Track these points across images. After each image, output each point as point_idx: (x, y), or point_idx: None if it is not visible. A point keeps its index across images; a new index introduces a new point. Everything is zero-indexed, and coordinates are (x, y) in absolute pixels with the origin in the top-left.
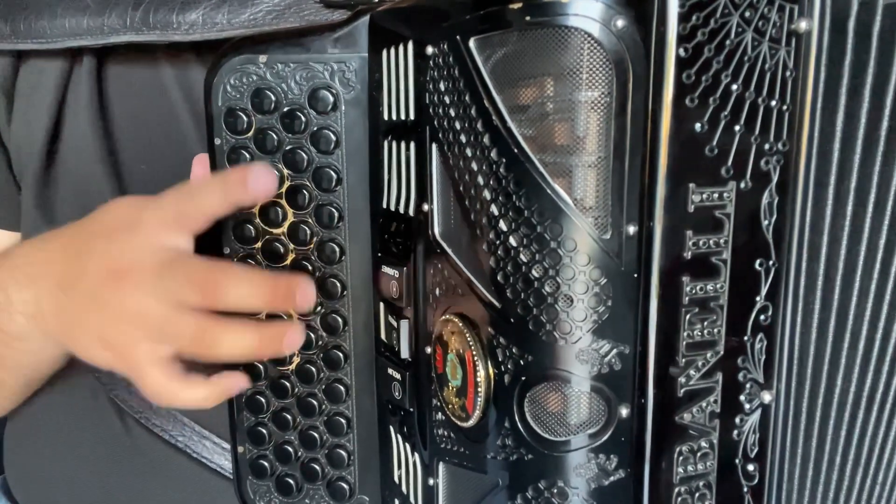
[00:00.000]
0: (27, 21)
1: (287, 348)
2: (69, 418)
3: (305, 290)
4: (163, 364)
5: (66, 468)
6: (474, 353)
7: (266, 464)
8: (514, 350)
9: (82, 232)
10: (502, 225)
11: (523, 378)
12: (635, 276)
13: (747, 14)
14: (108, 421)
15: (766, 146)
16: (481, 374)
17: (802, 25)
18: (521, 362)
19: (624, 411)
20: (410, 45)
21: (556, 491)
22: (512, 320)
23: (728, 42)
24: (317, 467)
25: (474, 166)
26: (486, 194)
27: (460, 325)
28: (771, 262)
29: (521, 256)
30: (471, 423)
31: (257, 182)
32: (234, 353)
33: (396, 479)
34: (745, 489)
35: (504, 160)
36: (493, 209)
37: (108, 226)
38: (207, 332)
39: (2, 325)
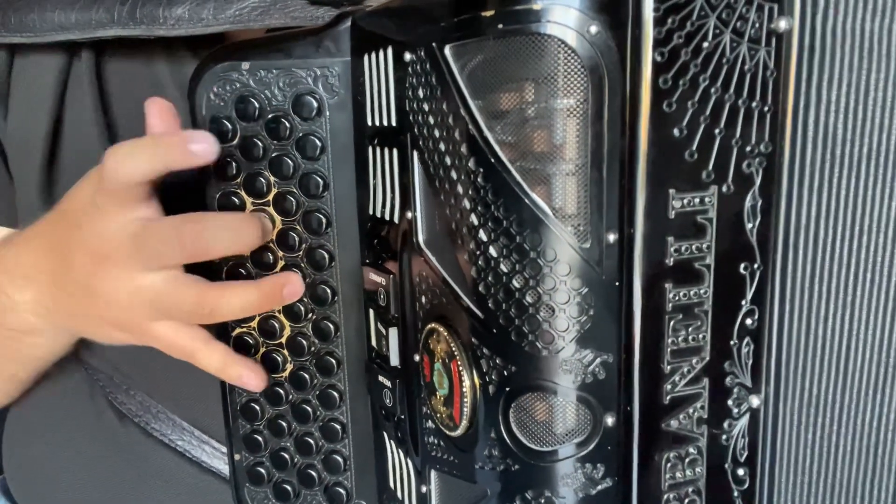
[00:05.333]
0: (17, 15)
1: (289, 297)
2: (67, 420)
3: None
4: (179, 330)
5: (65, 470)
6: (459, 362)
7: (263, 471)
8: (497, 360)
9: (57, 226)
10: (482, 235)
11: (507, 388)
12: (616, 284)
13: (724, 15)
14: (106, 423)
15: (748, 148)
16: (466, 383)
17: (782, 24)
18: (505, 373)
19: (609, 420)
20: (390, 51)
21: (543, 501)
22: (494, 330)
23: (706, 44)
24: (313, 473)
25: (454, 175)
26: (466, 203)
27: (445, 334)
28: (756, 266)
29: (502, 267)
30: (458, 432)
31: (197, 145)
32: (237, 310)
33: (392, 484)
34: (736, 493)
35: (482, 170)
36: (473, 219)
37: (75, 215)
38: (206, 295)
39: (11, 324)
